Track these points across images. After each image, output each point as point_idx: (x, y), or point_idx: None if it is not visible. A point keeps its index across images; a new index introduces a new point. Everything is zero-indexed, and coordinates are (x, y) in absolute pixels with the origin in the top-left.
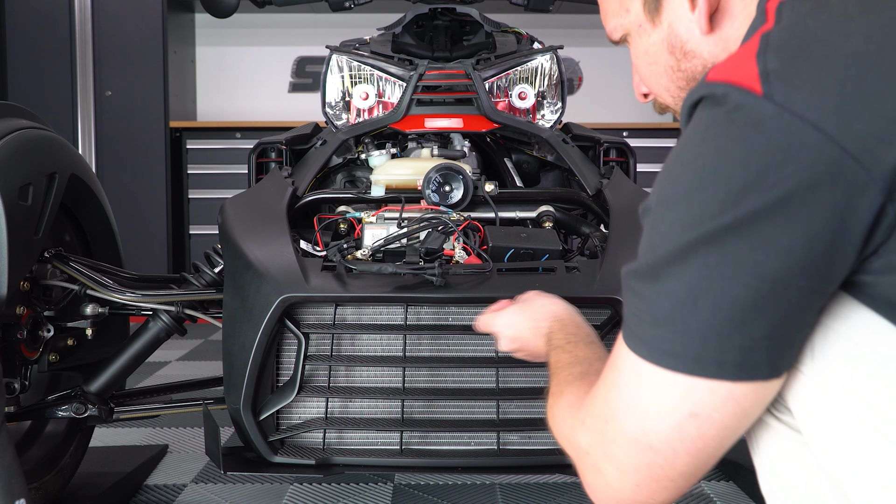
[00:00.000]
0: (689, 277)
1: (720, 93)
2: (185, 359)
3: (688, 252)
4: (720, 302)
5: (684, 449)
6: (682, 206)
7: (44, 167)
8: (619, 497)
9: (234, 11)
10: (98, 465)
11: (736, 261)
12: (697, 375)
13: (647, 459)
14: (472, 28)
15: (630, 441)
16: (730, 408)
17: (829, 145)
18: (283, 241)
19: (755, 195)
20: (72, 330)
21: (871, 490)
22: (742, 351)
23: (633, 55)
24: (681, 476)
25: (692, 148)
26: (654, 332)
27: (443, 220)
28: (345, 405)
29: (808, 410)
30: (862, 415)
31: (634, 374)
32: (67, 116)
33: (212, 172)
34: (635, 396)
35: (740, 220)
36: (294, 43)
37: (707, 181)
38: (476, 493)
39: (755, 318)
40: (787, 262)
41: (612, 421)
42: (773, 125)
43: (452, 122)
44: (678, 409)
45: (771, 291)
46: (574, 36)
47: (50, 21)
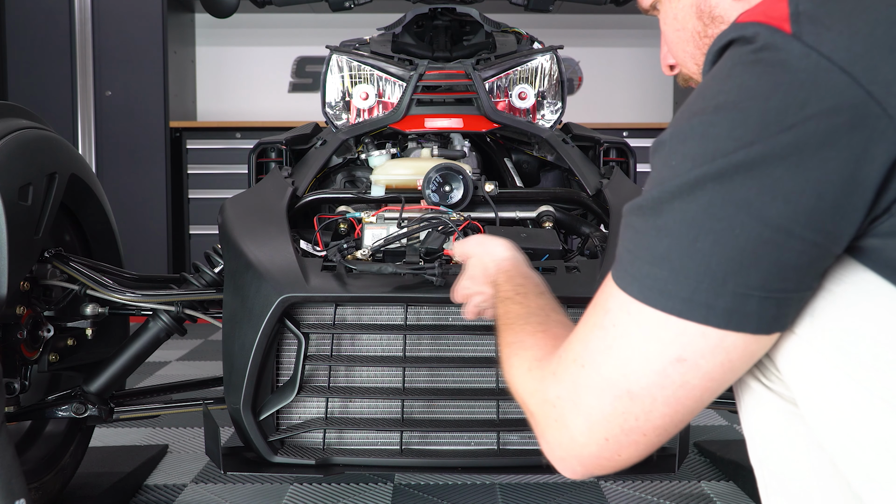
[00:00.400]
0: (692, 214)
1: (750, 33)
2: (185, 359)
3: (695, 187)
4: (720, 243)
5: (664, 397)
6: (697, 140)
7: (44, 167)
8: (583, 453)
9: (234, 11)
10: (98, 465)
11: (742, 201)
12: (686, 318)
13: (622, 407)
14: (472, 28)
15: (607, 386)
16: (718, 357)
17: (854, 88)
18: (283, 241)
19: (772, 134)
20: (72, 330)
21: (864, 458)
22: (734, 297)
23: (662, 22)
24: (653, 430)
25: (715, 85)
26: (649, 270)
27: (443, 220)
28: (345, 405)
29: (803, 375)
30: (862, 381)
31: (624, 314)
32: (67, 116)
33: (212, 172)
34: (622, 338)
35: (753, 160)
36: (294, 43)
37: (725, 116)
38: (476, 493)
39: (752, 264)
40: (793, 207)
41: (590, 365)
42: (799, 65)
43: (452, 122)
44: (665, 352)
45: (772, 237)
46: (574, 36)
47: (50, 21)
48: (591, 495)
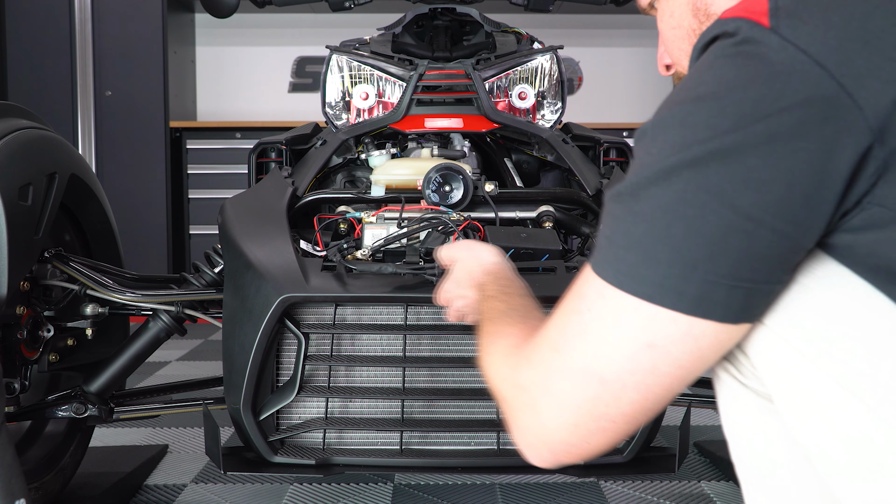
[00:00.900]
0: (667, 200)
1: (732, 28)
2: (185, 359)
3: (671, 173)
4: (692, 229)
5: (633, 383)
6: (676, 128)
7: (44, 167)
8: (552, 439)
9: (234, 11)
10: (98, 465)
11: (715, 188)
12: (655, 303)
13: (592, 393)
14: (472, 28)
15: (579, 370)
16: (687, 344)
17: (828, 80)
18: (283, 241)
19: (747, 124)
20: (72, 330)
21: (837, 454)
22: (703, 284)
23: (659, 19)
24: (622, 417)
25: (697, 76)
26: (623, 254)
27: (443, 220)
28: (345, 405)
29: (777, 370)
30: (834, 376)
31: (598, 298)
32: (67, 116)
33: (212, 172)
34: (595, 322)
35: (727, 148)
36: (294, 43)
37: (704, 105)
38: (476, 493)
39: (722, 251)
40: (764, 196)
41: (563, 349)
42: (776, 57)
43: (452, 122)
44: (637, 337)
45: (743, 226)
46: (574, 36)
47: (50, 21)
48: (592, 495)
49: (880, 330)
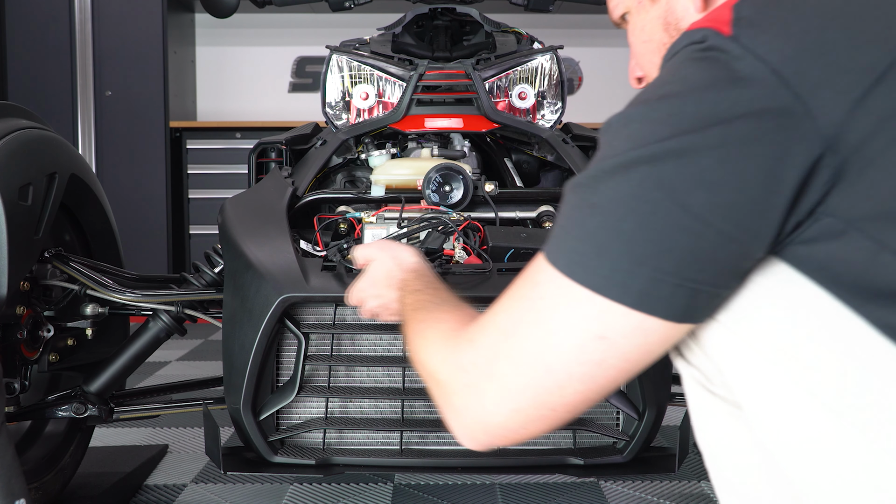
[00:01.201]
0: (622, 194)
1: (699, 37)
2: (185, 359)
3: (628, 168)
4: (642, 225)
5: (580, 374)
6: (638, 123)
7: (44, 167)
8: (490, 422)
9: (234, 11)
10: (98, 465)
11: (668, 186)
12: (602, 294)
13: (538, 380)
14: (472, 28)
15: (527, 357)
16: (637, 339)
17: (784, 89)
18: (283, 241)
19: (704, 126)
20: (72, 330)
21: (803, 458)
22: (648, 280)
23: (630, 33)
24: (563, 406)
25: (664, 76)
26: (576, 245)
27: (443, 220)
28: (345, 405)
29: (744, 376)
30: (799, 381)
31: (552, 287)
32: (67, 116)
33: (212, 172)
34: (547, 311)
35: (684, 148)
36: (294, 43)
37: (666, 104)
38: (476, 493)
39: (669, 249)
40: (714, 198)
41: (513, 335)
42: (737, 65)
43: (452, 122)
44: (588, 328)
45: (691, 225)
46: (574, 36)
47: (50, 21)
48: (592, 495)
49: (841, 336)
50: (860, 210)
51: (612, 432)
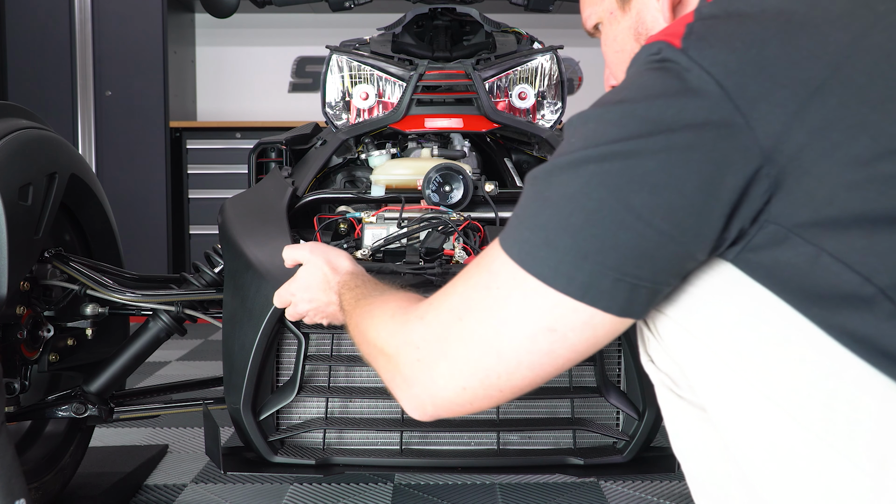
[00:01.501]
0: (571, 190)
1: (654, 49)
2: (185, 359)
3: (579, 165)
4: (588, 221)
5: (528, 362)
6: (594, 123)
7: (44, 167)
8: (439, 396)
9: (234, 11)
10: (98, 465)
11: (613, 185)
12: (548, 284)
13: (487, 364)
14: (472, 28)
15: (479, 341)
16: (586, 332)
17: (726, 101)
18: (283, 241)
19: (651, 132)
20: (72, 330)
21: (764, 461)
22: (591, 274)
23: (603, 43)
24: (510, 388)
25: (623, 84)
26: (528, 235)
27: (443, 220)
28: (345, 405)
29: (706, 379)
30: (756, 384)
31: (508, 278)
32: (67, 116)
33: (212, 172)
34: (501, 299)
35: (631, 150)
36: (294, 43)
37: (620, 108)
38: (476, 493)
39: (612, 245)
40: (656, 199)
41: (467, 319)
42: (685, 75)
43: (452, 122)
44: (539, 320)
45: (633, 224)
46: (574, 36)
47: (50, 21)
48: (592, 495)
49: (791, 339)
50: (799, 217)
51: (612, 432)
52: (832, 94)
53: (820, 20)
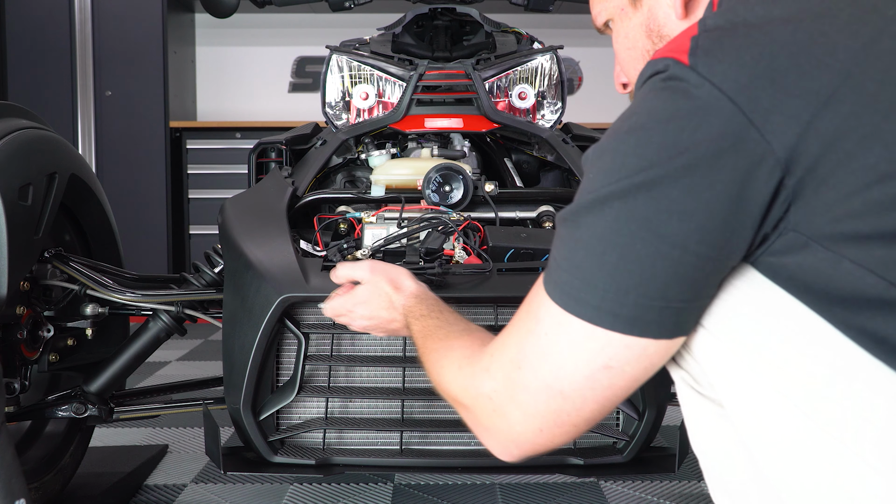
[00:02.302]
0: (601, 229)
1: (661, 66)
2: (185, 359)
3: (603, 204)
4: (624, 257)
5: (594, 397)
6: (610, 155)
7: (44, 167)
8: (520, 440)
9: (234, 11)
10: (98, 465)
11: (642, 219)
12: (595, 324)
13: (555, 406)
14: (472, 28)
15: (542, 387)
16: (641, 363)
17: (739, 116)
18: (283, 241)
19: (669, 156)
20: (72, 330)
21: (777, 455)
22: (637, 308)
23: (615, 40)
24: (584, 421)
25: (632, 108)
26: (567, 278)
27: (443, 220)
28: (345, 405)
29: (725, 377)
30: (773, 382)
31: (554, 323)
32: (67, 116)
33: (212, 172)
34: (553, 345)
35: (652, 180)
36: (294, 43)
37: (633, 136)
38: (476, 493)
39: (652, 276)
40: (687, 225)
41: (525, 368)
42: (696, 93)
43: (452, 122)
44: (594, 360)
45: (670, 253)
46: (574, 36)
47: (50, 21)
48: (592, 495)
49: (808, 339)
50: (818, 226)
51: (612, 432)
52: (844, 103)
53: (828, 27)
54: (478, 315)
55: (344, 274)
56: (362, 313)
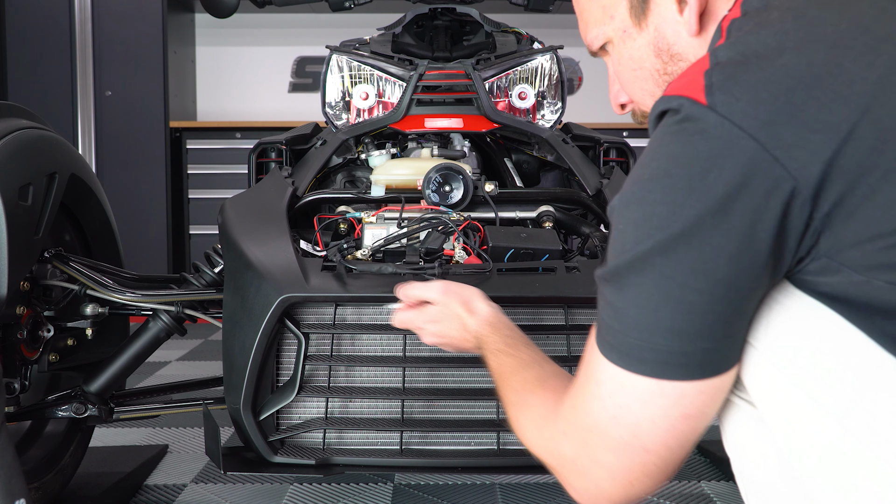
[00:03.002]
0: (648, 287)
1: (675, 105)
2: (185, 359)
3: (645, 262)
4: (678, 310)
5: (677, 444)
6: (637, 205)
7: (44, 167)
8: (612, 496)
9: (234, 11)
10: (98, 465)
11: (689, 270)
12: (667, 378)
13: (640, 460)
14: (472, 28)
15: (622, 446)
16: (717, 399)
17: (762, 153)
18: (283, 241)
19: (699, 196)
20: (72, 330)
21: (813, 462)
22: (705, 353)
23: (615, 62)
24: (674, 465)
25: (650, 153)
26: (624, 338)
27: (443, 220)
28: (345, 405)
29: (762, 385)
30: (807, 388)
31: (617, 386)
32: (67, 116)
33: (212, 172)
34: (621, 408)
35: (689, 231)
36: (294, 43)
37: (658, 183)
38: (476, 493)
39: (714, 320)
40: (734, 267)
41: (597, 432)
42: (715, 133)
43: (452, 122)
44: (670, 413)
45: (724, 295)
46: (574, 36)
47: (50, 21)
48: None
49: (838, 345)
50: (848, 255)
51: None
52: (864, 138)
53: (842, 57)
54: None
55: (415, 294)
56: (433, 331)
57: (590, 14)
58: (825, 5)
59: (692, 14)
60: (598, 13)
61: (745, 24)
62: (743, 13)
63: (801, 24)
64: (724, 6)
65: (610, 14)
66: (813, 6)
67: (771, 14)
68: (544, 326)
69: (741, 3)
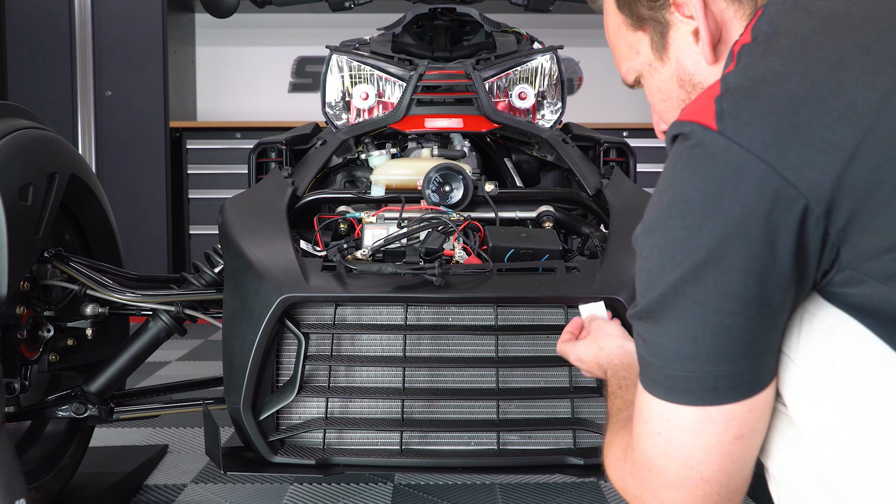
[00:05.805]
0: (682, 318)
1: (687, 130)
2: (185, 359)
3: (677, 294)
4: (717, 335)
5: (734, 468)
6: (659, 231)
7: (44, 167)
8: None
9: (234, 11)
10: (98, 465)
11: (720, 294)
12: (717, 404)
13: (702, 491)
14: (472, 28)
15: (681, 481)
16: (767, 413)
17: (772, 174)
18: (283, 241)
19: (716, 220)
20: (72, 330)
21: (841, 468)
22: (750, 372)
23: (648, 94)
24: (737, 488)
25: (666, 179)
26: (667, 372)
27: (443, 220)
28: (345, 405)
29: (793, 392)
30: (841, 401)
31: (663, 420)
32: (67, 116)
33: (212, 172)
34: (671, 441)
35: (713, 256)
36: (294, 43)
37: (676, 209)
38: (476, 493)
39: (751, 338)
40: (764, 285)
41: (655, 470)
42: (725, 157)
43: (452, 122)
44: (722, 438)
45: (758, 312)
46: (574, 36)
47: (50, 21)
48: (592, 495)
49: (864, 355)
50: (870, 267)
51: None
52: (869, 157)
53: (844, 78)
54: (477, 315)
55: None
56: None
57: (619, 50)
58: (829, 30)
59: (705, 45)
60: (626, 49)
61: (755, 50)
62: (753, 38)
63: (807, 49)
64: (736, 32)
65: (636, 50)
66: (818, 32)
67: (779, 41)
68: (544, 326)
69: (751, 28)
